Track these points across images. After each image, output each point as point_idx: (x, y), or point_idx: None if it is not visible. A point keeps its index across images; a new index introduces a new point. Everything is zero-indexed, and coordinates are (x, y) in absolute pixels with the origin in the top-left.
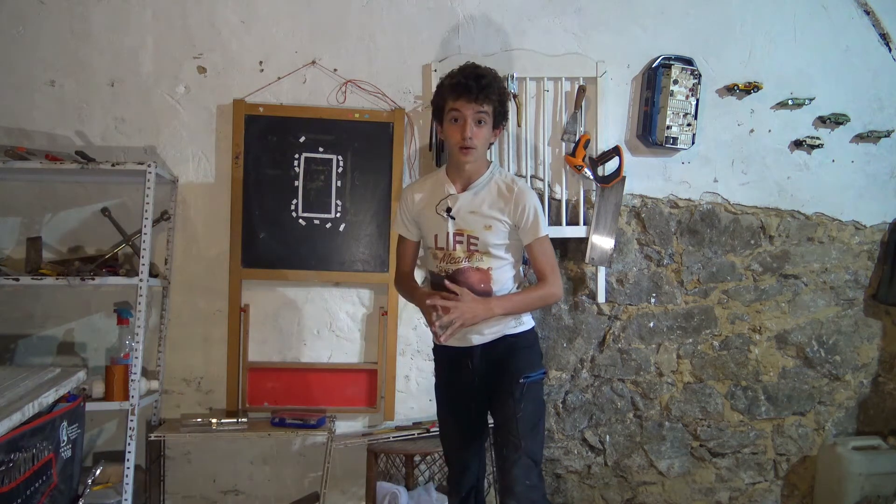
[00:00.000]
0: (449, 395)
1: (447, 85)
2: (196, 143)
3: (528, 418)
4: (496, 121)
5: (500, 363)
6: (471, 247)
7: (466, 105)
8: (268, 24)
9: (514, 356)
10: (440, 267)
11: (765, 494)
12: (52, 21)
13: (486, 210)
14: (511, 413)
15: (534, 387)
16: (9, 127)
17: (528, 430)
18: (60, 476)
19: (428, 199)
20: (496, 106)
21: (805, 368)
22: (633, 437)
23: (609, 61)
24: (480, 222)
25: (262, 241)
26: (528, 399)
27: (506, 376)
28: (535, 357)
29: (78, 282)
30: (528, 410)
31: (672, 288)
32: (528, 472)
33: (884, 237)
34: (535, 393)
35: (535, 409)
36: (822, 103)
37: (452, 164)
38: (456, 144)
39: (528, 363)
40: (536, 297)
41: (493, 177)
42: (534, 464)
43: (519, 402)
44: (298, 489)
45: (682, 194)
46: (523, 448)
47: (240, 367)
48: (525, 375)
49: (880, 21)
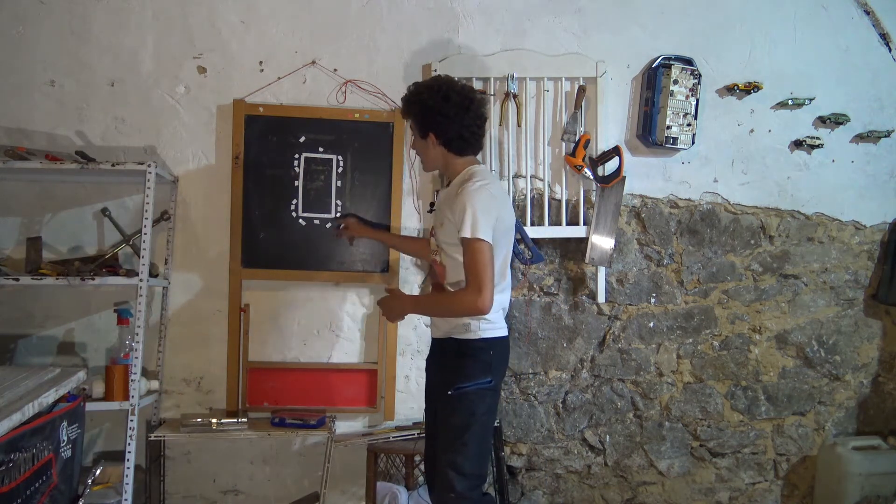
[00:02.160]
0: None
1: None
2: (196, 143)
3: (452, 430)
4: (422, 130)
5: (442, 366)
6: (433, 240)
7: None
8: (268, 24)
9: (453, 363)
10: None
11: (765, 494)
12: (52, 21)
13: (442, 208)
14: (440, 421)
15: (464, 398)
16: (9, 127)
17: (451, 440)
18: (60, 476)
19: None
20: (415, 118)
21: (805, 368)
22: (633, 437)
23: (609, 61)
24: (439, 219)
25: (262, 241)
26: (454, 409)
27: (441, 383)
28: (474, 367)
29: (78, 282)
30: (452, 422)
31: (672, 288)
32: (448, 483)
33: (884, 237)
34: (464, 404)
35: (462, 421)
36: (822, 103)
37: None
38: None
39: (463, 373)
40: (447, 303)
41: (463, 176)
42: (459, 475)
43: (445, 411)
44: (298, 489)
45: (682, 194)
46: (444, 459)
47: (240, 367)
48: (456, 386)
49: (880, 21)
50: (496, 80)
